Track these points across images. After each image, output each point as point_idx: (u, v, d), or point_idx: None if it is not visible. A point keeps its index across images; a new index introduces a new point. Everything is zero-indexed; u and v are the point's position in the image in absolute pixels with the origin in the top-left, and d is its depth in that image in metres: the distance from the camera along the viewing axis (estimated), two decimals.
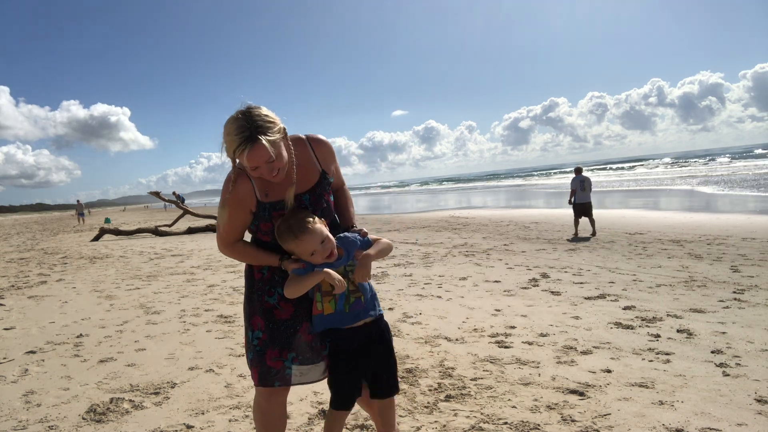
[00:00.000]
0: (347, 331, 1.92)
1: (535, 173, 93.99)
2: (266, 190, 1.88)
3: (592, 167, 75.19)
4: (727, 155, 66.17)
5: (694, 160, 68.00)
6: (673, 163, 66.31)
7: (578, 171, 11.68)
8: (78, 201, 38.47)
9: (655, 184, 32.21)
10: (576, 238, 10.42)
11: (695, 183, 28.72)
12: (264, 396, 1.98)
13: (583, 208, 11.08)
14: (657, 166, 61.30)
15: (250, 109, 1.75)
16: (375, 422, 2.16)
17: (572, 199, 11.35)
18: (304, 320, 1.94)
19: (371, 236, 1.99)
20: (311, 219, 1.84)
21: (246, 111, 1.74)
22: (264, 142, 1.69)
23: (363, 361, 1.95)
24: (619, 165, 77.87)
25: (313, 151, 1.99)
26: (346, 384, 1.95)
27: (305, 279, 1.83)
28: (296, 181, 1.90)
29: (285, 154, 1.80)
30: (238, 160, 1.78)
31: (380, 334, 1.98)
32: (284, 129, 1.82)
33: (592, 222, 10.95)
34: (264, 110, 1.77)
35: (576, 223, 11.07)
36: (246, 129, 1.69)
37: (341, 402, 1.96)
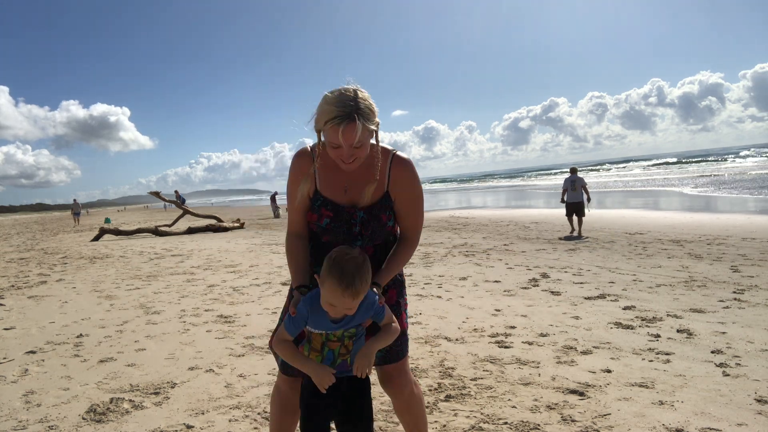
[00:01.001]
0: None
1: (532, 173, 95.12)
2: (326, 183, 1.86)
3: (585, 167, 76.38)
4: (718, 156, 68.00)
5: (680, 160, 69.66)
6: (657, 164, 68.20)
7: (573, 171, 12.06)
8: (75, 200, 37.41)
9: (639, 185, 32.21)
10: (571, 237, 10.62)
11: (679, 184, 28.80)
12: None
13: (573, 207, 11.40)
14: (647, 168, 63.17)
15: (359, 91, 1.69)
16: None
17: (564, 198, 11.74)
18: None
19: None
20: (365, 283, 1.62)
21: (355, 90, 1.68)
22: (359, 125, 1.63)
23: (336, 409, 1.79)
24: (598, 167, 79.86)
25: (390, 169, 1.86)
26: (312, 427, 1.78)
27: (294, 357, 1.73)
28: (358, 183, 1.83)
29: (367, 152, 1.75)
30: (323, 134, 1.71)
31: (360, 390, 1.79)
32: (378, 124, 1.74)
33: (580, 222, 11.24)
34: (370, 99, 1.71)
35: (570, 221, 11.40)
36: (349, 106, 1.63)
37: None
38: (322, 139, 1.74)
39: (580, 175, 11.95)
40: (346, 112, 1.62)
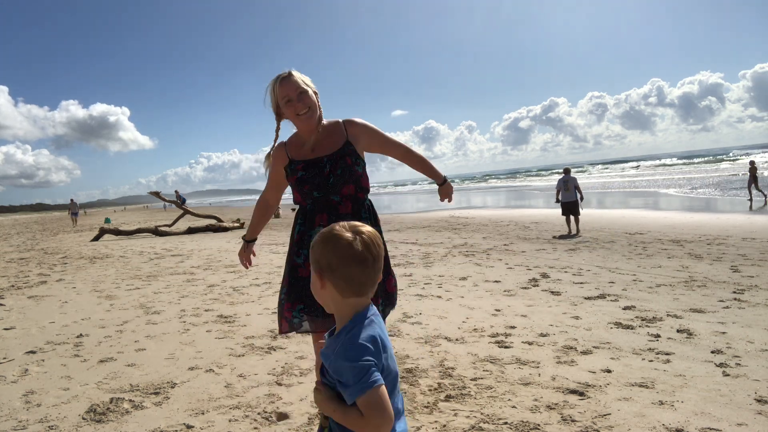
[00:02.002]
0: None
1: (532, 173, 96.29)
2: (295, 149, 2.30)
3: (576, 167, 78.33)
4: (704, 158, 70.01)
5: (664, 163, 71.72)
6: (636, 166, 70.49)
7: (566, 172, 12.47)
8: (72, 200, 35.29)
9: (617, 186, 32.24)
10: (567, 236, 10.79)
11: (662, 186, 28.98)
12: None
13: (567, 207, 11.75)
14: (624, 169, 65.52)
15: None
16: None
17: (558, 198, 12.10)
18: None
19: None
20: (314, 244, 1.27)
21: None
22: (295, 75, 2.18)
23: None
24: (585, 168, 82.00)
25: (345, 129, 2.31)
26: None
27: None
28: (322, 145, 2.25)
29: (316, 104, 2.22)
30: (280, 104, 2.21)
31: None
32: (317, 93, 2.24)
33: (576, 221, 11.58)
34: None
35: (567, 221, 11.72)
36: (284, 71, 2.21)
37: None
38: (278, 118, 2.30)
39: (573, 175, 12.36)
40: (284, 72, 2.20)
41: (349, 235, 1.23)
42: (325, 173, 2.19)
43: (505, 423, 2.56)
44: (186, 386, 3.26)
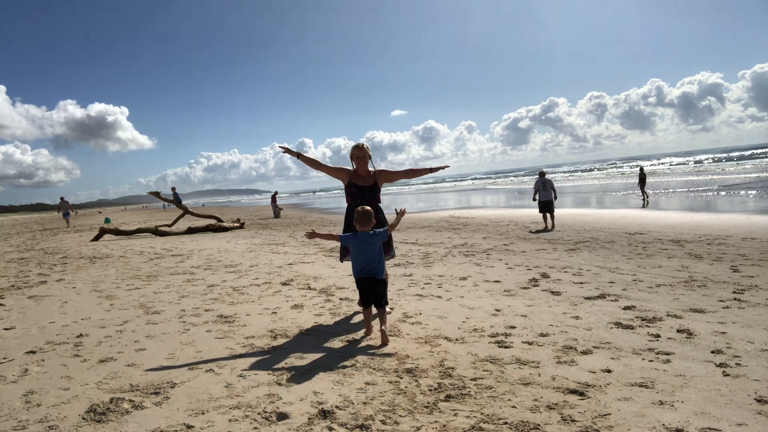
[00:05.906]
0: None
1: (532, 172, 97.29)
2: (355, 178, 4.73)
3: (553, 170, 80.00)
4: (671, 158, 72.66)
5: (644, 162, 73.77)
6: (616, 166, 73.11)
7: (541, 174, 13.81)
8: (62, 198, 30.32)
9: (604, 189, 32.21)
10: (545, 230, 11.89)
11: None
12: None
13: (544, 205, 13.04)
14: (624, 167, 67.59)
15: (363, 141, 4.82)
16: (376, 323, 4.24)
17: (535, 197, 13.31)
18: None
19: None
20: (365, 220, 4.13)
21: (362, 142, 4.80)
22: (365, 146, 4.76)
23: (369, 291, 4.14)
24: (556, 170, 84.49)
25: (375, 173, 4.81)
26: (363, 298, 4.19)
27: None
28: (366, 180, 4.73)
29: (368, 162, 4.76)
30: (353, 157, 4.73)
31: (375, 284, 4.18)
32: (371, 156, 4.77)
33: (552, 217, 12.89)
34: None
35: (544, 218, 13.01)
36: (359, 142, 4.78)
37: (363, 304, 4.23)
38: (353, 162, 4.81)
39: (548, 177, 13.71)
40: (360, 143, 4.80)
41: (359, 209, 4.16)
42: (365, 194, 4.70)
43: (505, 423, 2.56)
44: (186, 386, 3.26)
